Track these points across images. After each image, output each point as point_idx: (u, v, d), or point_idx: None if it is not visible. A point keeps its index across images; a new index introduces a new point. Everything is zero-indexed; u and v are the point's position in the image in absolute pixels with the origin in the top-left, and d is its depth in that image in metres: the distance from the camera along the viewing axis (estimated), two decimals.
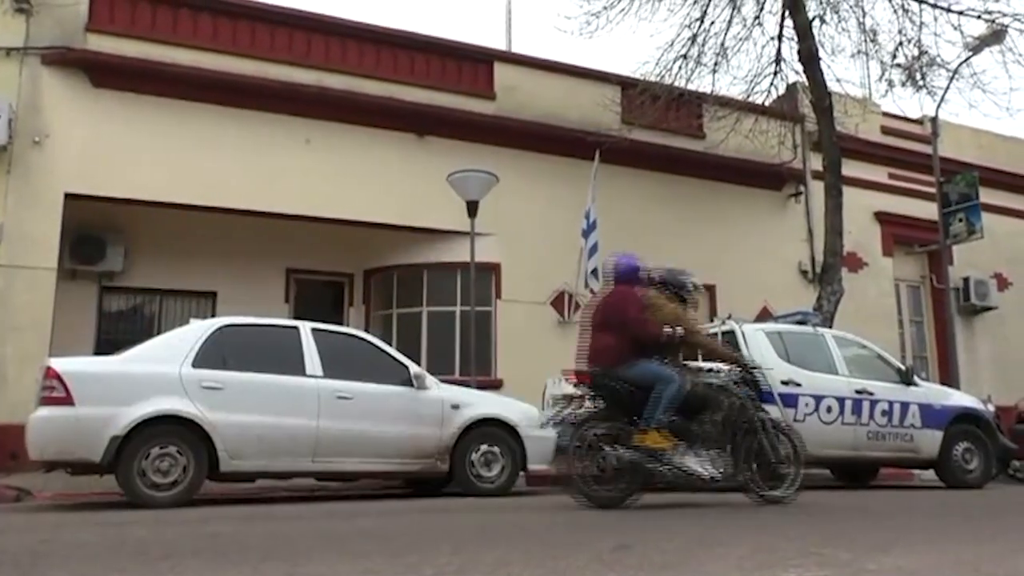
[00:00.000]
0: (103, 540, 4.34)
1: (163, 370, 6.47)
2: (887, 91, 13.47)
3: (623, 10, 12.92)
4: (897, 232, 16.30)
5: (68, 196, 10.49)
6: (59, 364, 6.35)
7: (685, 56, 13.08)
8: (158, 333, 8.42)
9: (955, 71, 13.08)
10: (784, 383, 8.61)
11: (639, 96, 13.06)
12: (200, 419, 6.38)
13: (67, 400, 6.13)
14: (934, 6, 12.49)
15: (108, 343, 10.60)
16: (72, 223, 10.80)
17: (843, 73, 44.80)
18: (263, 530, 4.79)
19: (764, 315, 13.18)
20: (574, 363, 6.57)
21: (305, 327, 7.29)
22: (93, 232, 11.30)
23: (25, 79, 10.49)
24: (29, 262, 10.16)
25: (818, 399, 8.70)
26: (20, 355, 9.64)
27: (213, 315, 11.12)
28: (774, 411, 8.45)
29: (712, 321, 10.79)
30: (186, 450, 6.33)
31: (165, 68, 11.02)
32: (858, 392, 8.92)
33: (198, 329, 6.91)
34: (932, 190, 15.28)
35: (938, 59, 13.09)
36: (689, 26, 13.13)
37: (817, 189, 13.95)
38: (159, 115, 11.06)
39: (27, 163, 10.35)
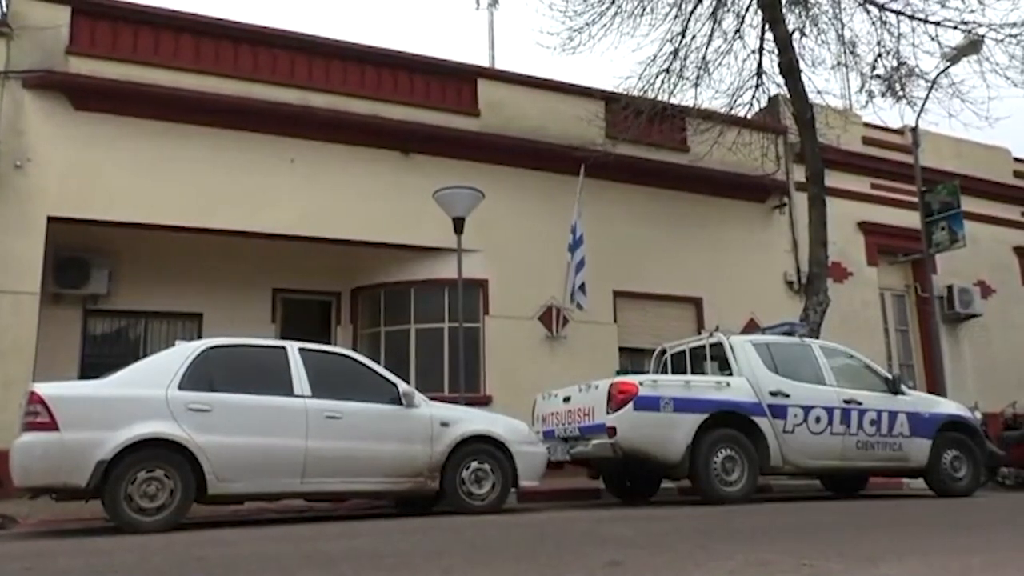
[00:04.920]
0: (89, 566, 4.29)
1: (149, 393, 6.40)
2: (867, 102, 13.64)
3: (605, 26, 13.05)
4: (881, 242, 16.41)
5: (51, 219, 10.42)
6: (43, 389, 6.27)
7: (667, 70, 13.18)
8: (143, 356, 8.35)
9: (934, 81, 13.24)
10: (773, 394, 8.64)
11: (623, 111, 13.14)
12: (187, 442, 6.31)
13: (52, 425, 6.05)
14: (912, 17, 12.66)
15: (93, 367, 10.49)
16: (55, 247, 10.73)
17: (824, 85, 45.32)
18: (252, 552, 4.74)
19: (751, 327, 13.24)
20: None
21: (292, 347, 7.24)
22: (77, 255, 11.21)
23: (6, 103, 10.44)
24: (12, 286, 10.07)
25: (807, 409, 8.72)
26: (3, 380, 9.52)
27: (199, 337, 11.05)
28: (763, 422, 8.50)
29: (700, 334, 10.80)
30: (173, 473, 6.25)
31: (147, 90, 10.99)
32: (846, 402, 8.94)
33: (184, 351, 6.85)
34: (914, 199, 15.40)
35: (917, 69, 13.28)
36: (671, 40, 13.25)
37: (801, 200, 14.04)
38: (142, 137, 11.02)
39: (9, 187, 10.28)
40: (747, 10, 13.39)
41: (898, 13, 12.74)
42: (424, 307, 12.67)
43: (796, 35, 12.79)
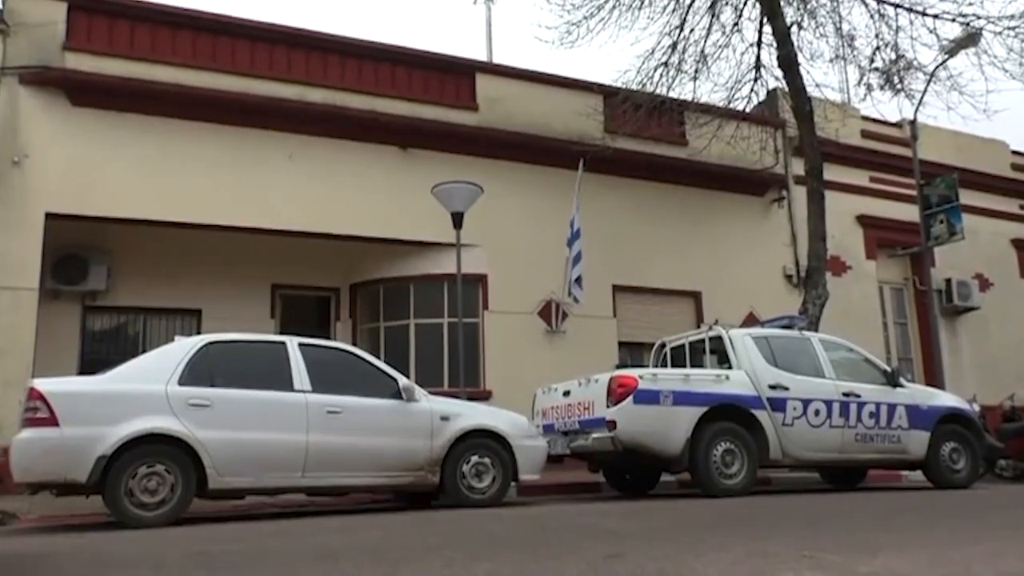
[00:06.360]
0: (90, 562, 4.29)
1: (149, 388, 6.41)
2: (866, 95, 13.62)
3: (603, 19, 13.01)
4: (879, 235, 16.42)
5: (49, 216, 10.41)
6: (43, 385, 6.27)
7: (666, 64, 13.17)
8: (143, 352, 8.35)
9: (932, 74, 13.23)
10: (772, 387, 8.64)
11: (621, 105, 13.13)
12: (187, 437, 6.32)
13: (52, 421, 6.05)
14: (909, 10, 12.65)
15: (92, 363, 10.51)
16: (54, 243, 10.72)
17: (822, 78, 45.44)
18: (252, 547, 4.75)
19: (750, 320, 13.25)
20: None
21: (292, 342, 7.23)
22: (75, 252, 11.21)
23: (3, 99, 10.42)
24: (10, 283, 10.07)
25: (806, 403, 8.73)
26: (3, 377, 9.53)
27: (198, 332, 11.05)
28: (762, 415, 8.51)
29: (699, 328, 10.81)
30: (174, 468, 6.26)
31: (145, 86, 10.97)
32: (845, 395, 8.95)
33: (184, 346, 6.85)
34: (913, 193, 15.42)
35: (915, 62, 13.27)
36: (669, 34, 13.24)
37: (800, 194, 14.05)
38: (140, 133, 11.01)
39: (6, 184, 10.27)
40: (745, 3, 13.38)
41: (896, 6, 12.74)
42: (423, 302, 12.68)
43: (794, 28, 12.78)
